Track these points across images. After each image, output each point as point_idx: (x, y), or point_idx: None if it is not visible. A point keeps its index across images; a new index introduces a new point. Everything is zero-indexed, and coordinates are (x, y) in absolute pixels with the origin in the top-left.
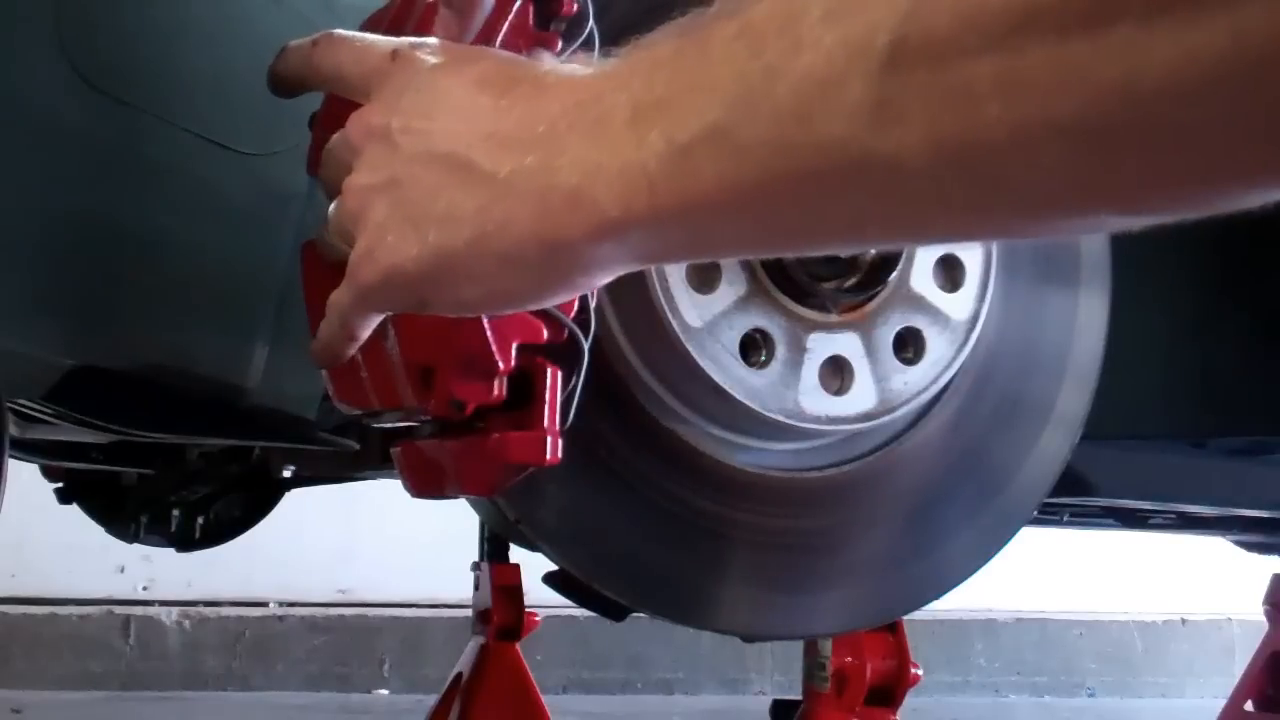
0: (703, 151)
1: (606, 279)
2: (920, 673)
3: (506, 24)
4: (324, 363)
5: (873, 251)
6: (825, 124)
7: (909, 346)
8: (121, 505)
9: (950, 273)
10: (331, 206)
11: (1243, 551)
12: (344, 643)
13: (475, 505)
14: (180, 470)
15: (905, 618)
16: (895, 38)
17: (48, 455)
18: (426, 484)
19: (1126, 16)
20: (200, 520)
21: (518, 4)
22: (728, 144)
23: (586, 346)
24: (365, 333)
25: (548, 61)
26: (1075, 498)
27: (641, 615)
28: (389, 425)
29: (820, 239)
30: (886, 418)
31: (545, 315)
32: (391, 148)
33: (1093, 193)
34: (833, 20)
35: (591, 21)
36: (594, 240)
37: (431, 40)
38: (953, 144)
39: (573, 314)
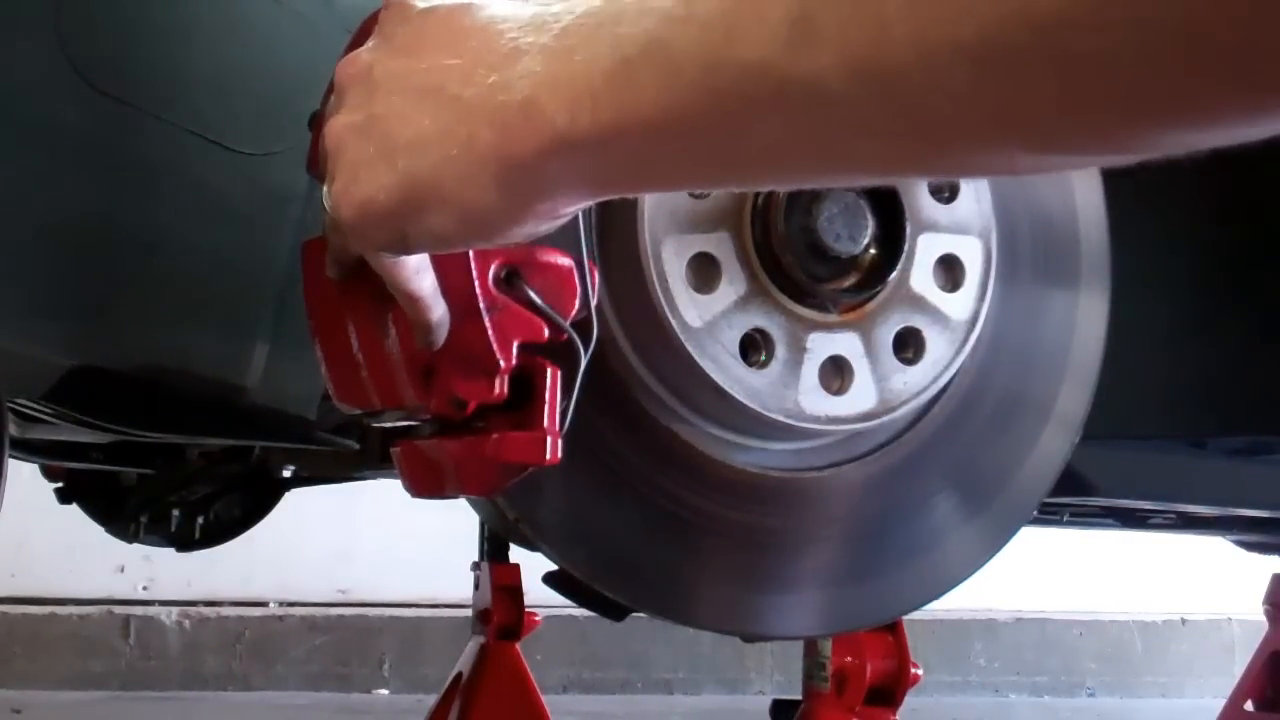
0: (642, 65)
1: (567, 205)
2: (920, 673)
3: None
4: (426, 341)
5: (872, 251)
6: (747, 44)
7: (909, 346)
8: (121, 505)
9: (950, 273)
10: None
11: (1243, 551)
12: (344, 643)
13: (475, 505)
14: (180, 470)
15: (905, 618)
16: None
17: (48, 455)
18: (426, 484)
19: None
20: (200, 520)
21: None
22: (664, 58)
23: (589, 347)
24: (415, 284)
25: None
26: (1075, 498)
27: (641, 615)
28: (389, 425)
29: (752, 168)
30: (886, 418)
31: (545, 315)
32: (371, 86)
33: (1003, 123)
34: None
35: None
36: (544, 155)
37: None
38: (865, 65)
39: (574, 314)
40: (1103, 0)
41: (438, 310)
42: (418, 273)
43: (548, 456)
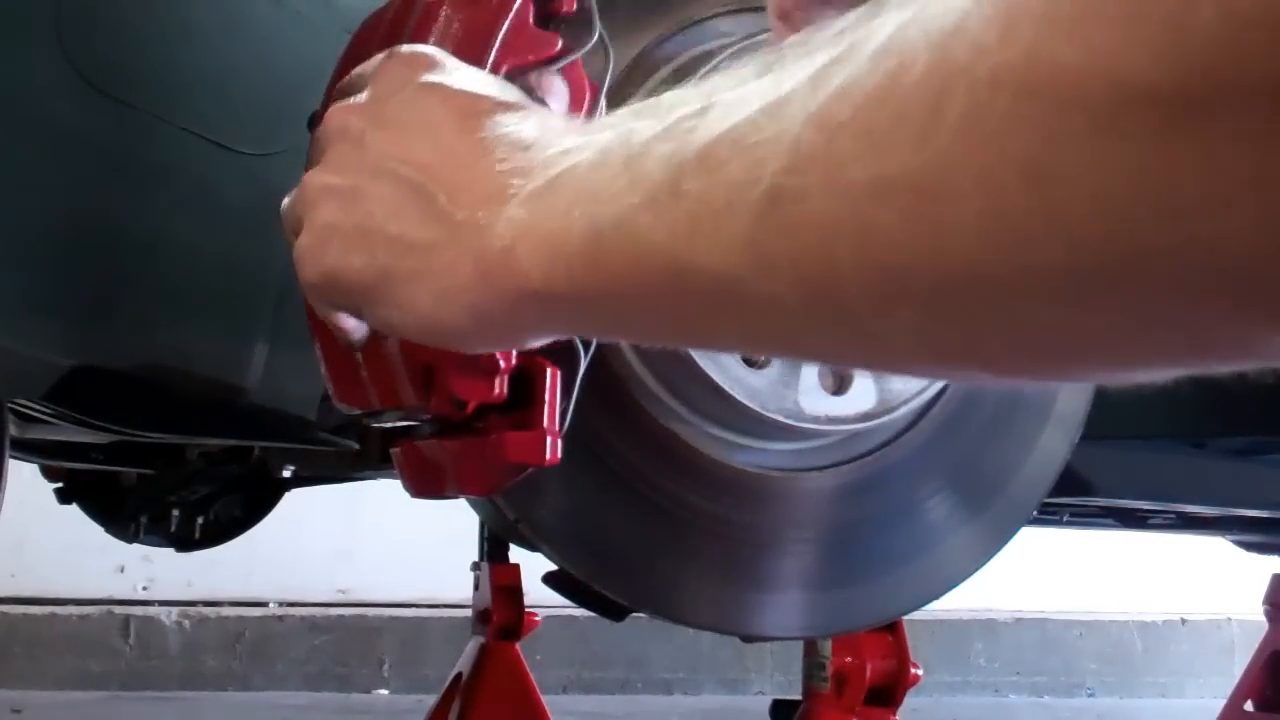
0: (613, 244)
1: (536, 341)
2: (920, 673)
3: (506, 23)
4: (345, 345)
5: None
6: (708, 251)
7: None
8: (121, 505)
9: None
10: (288, 196)
11: (1243, 551)
12: (344, 643)
13: (475, 505)
14: (180, 470)
15: (905, 618)
16: (773, 186)
17: (48, 455)
18: (426, 484)
19: (966, 210)
20: (200, 520)
21: (518, 3)
22: (633, 244)
23: (590, 348)
24: (346, 322)
25: (538, 110)
26: (1075, 498)
27: (641, 615)
28: (389, 425)
29: (722, 348)
30: (886, 418)
31: None
32: (360, 152)
33: (958, 360)
34: (735, 148)
35: (598, 22)
36: (518, 304)
37: (431, 50)
38: (818, 296)
39: None
40: (1052, 276)
41: (358, 333)
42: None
43: (547, 457)
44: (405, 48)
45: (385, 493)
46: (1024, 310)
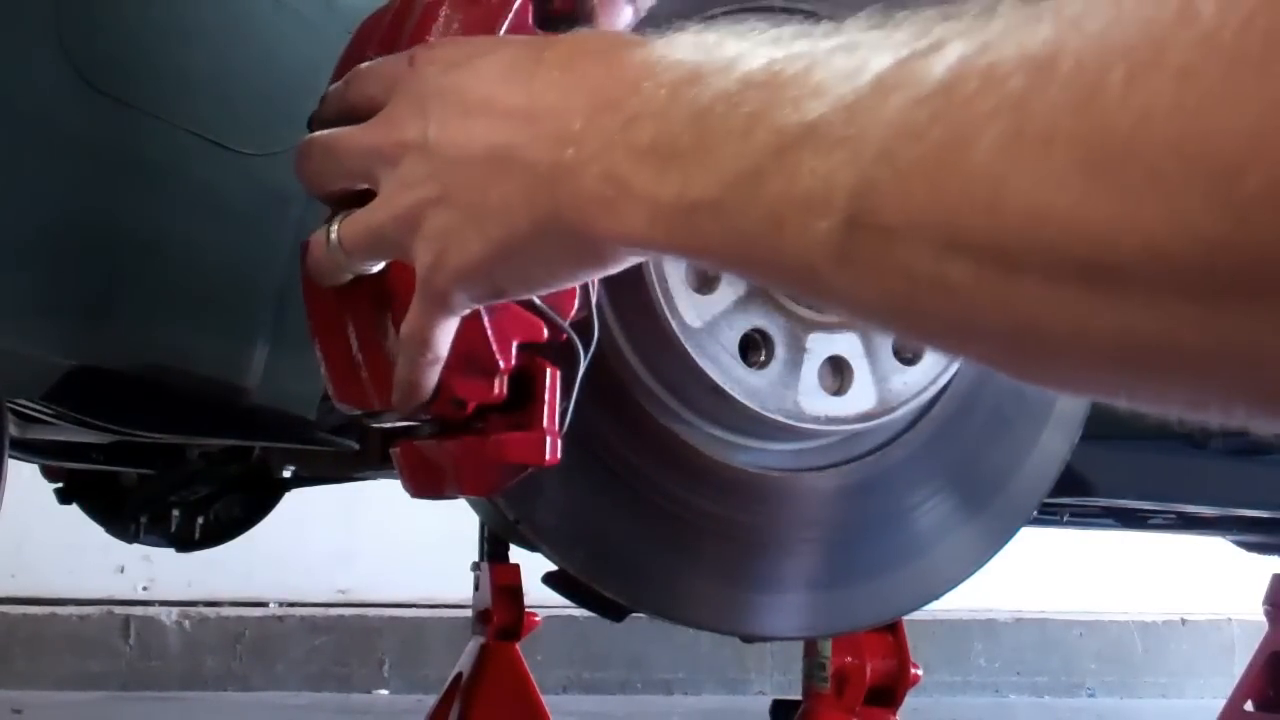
0: (705, 216)
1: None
2: (920, 673)
3: (506, 23)
4: (413, 399)
5: None
6: (795, 245)
7: (909, 346)
8: (121, 505)
9: None
10: (340, 223)
11: (1243, 551)
12: (344, 643)
13: (475, 505)
14: (180, 470)
15: (905, 618)
16: (850, 213)
17: (48, 455)
18: (426, 484)
19: (1032, 274)
20: (200, 520)
21: (518, 3)
22: (724, 220)
23: (590, 348)
24: (446, 346)
25: (563, 36)
26: (1075, 498)
27: (641, 615)
28: (389, 425)
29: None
30: (886, 418)
31: (545, 316)
32: (428, 156)
33: (1024, 369)
34: (824, 148)
35: (598, 23)
36: (625, 245)
37: (442, 43)
38: (899, 311)
39: (573, 315)
40: (1111, 349)
41: (435, 374)
42: (449, 334)
43: (547, 457)
44: (419, 48)
45: (385, 493)
46: (1084, 374)
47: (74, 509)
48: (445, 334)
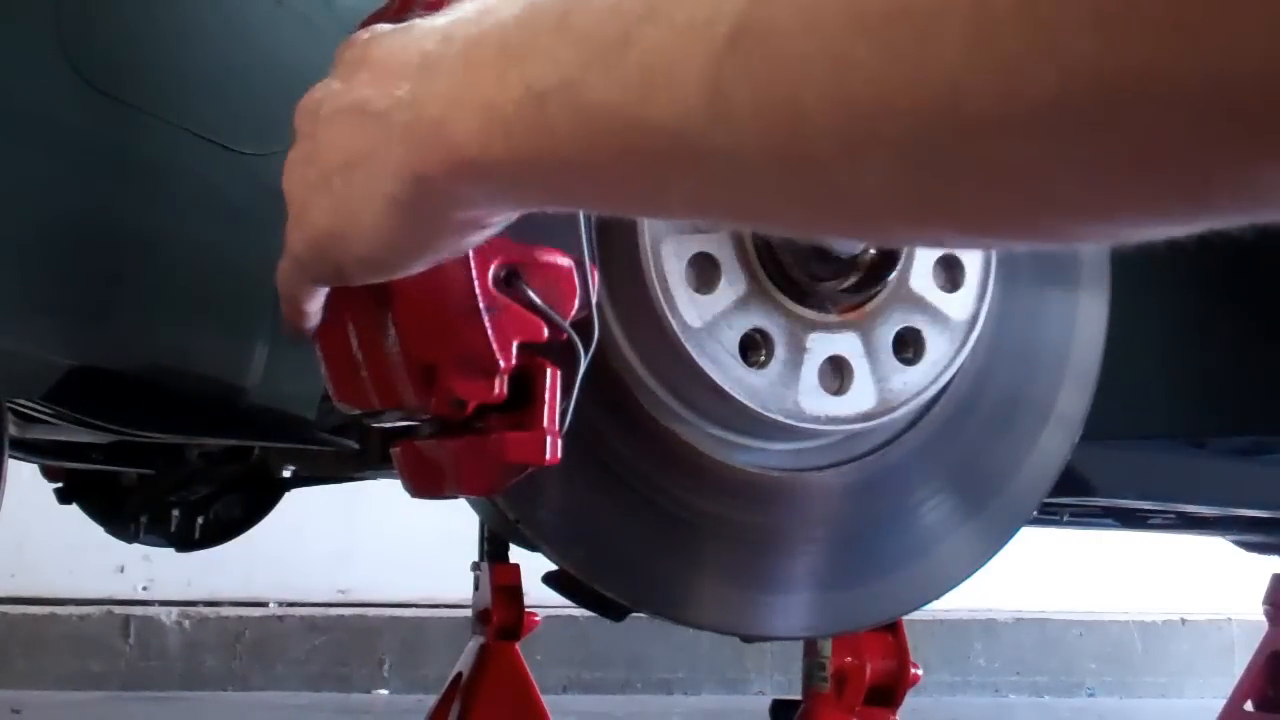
0: (557, 103)
1: (489, 218)
2: (920, 673)
3: None
4: (291, 338)
5: (872, 251)
6: (663, 105)
7: (908, 346)
8: (121, 505)
9: (950, 273)
10: None
11: (1243, 551)
12: (344, 643)
13: (475, 505)
14: (180, 470)
15: (905, 618)
16: (738, 23)
17: (48, 455)
18: (426, 484)
19: (952, 37)
20: (200, 520)
21: None
22: (579, 102)
23: (590, 347)
24: (313, 305)
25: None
26: (1075, 498)
27: (641, 615)
28: (389, 425)
29: (673, 211)
30: (886, 418)
31: (545, 316)
32: (315, 115)
33: (930, 209)
34: None
35: None
36: (454, 177)
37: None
38: (782, 146)
39: (573, 314)
40: (1042, 106)
41: (313, 320)
42: (316, 299)
43: (547, 457)
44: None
45: (385, 493)
46: (1006, 147)
47: (74, 509)
48: (309, 298)
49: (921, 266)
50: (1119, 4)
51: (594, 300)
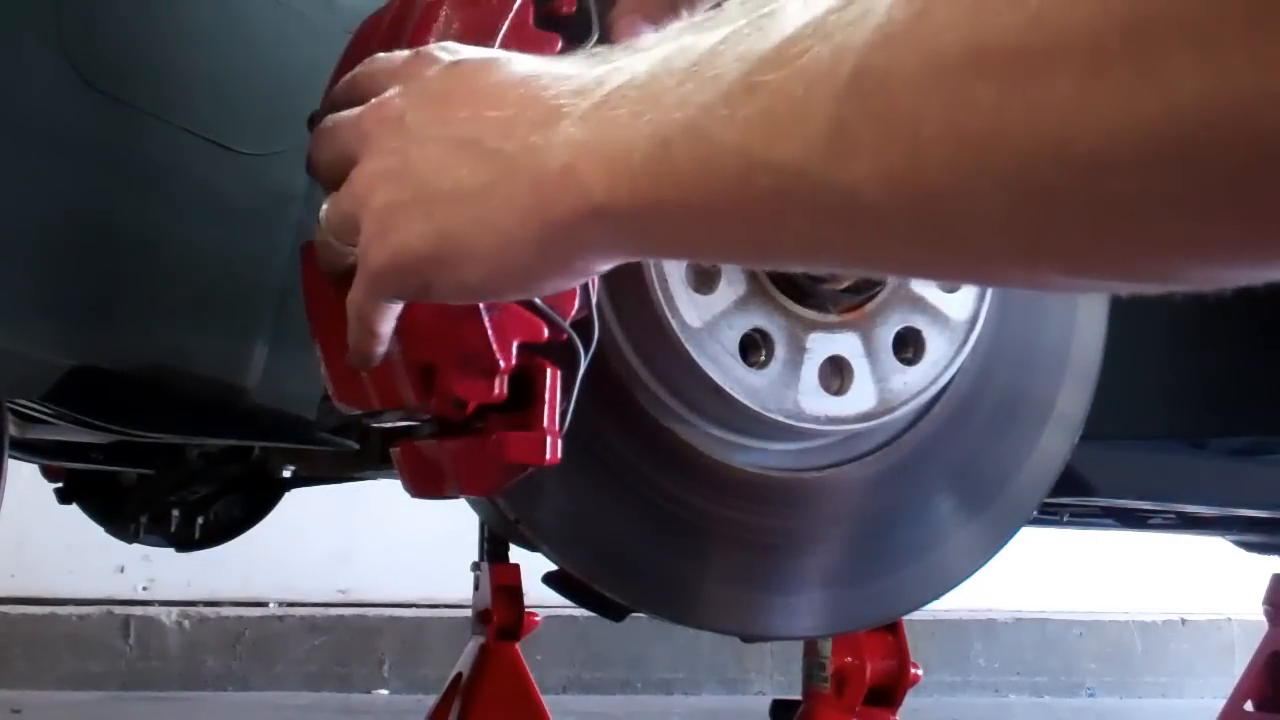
0: (681, 150)
1: (602, 265)
2: (920, 673)
3: (506, 23)
4: (358, 365)
5: None
6: (785, 147)
7: (909, 346)
8: (121, 505)
9: None
10: (326, 202)
11: (1243, 551)
12: (344, 643)
13: (475, 505)
14: (180, 470)
15: (905, 618)
16: (859, 65)
17: (48, 455)
18: (426, 484)
19: (1066, 75)
20: (200, 520)
21: (518, 4)
22: (704, 148)
23: (590, 348)
24: (386, 326)
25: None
26: (1075, 498)
27: (641, 615)
28: (389, 425)
29: (786, 255)
30: (886, 418)
31: (545, 316)
32: (403, 130)
33: (1038, 250)
34: (816, 34)
35: (596, 22)
36: (582, 222)
37: (452, 43)
38: (900, 182)
39: (574, 314)
40: (1150, 143)
41: (384, 347)
42: (389, 317)
43: (547, 457)
44: (430, 46)
45: (385, 493)
46: (1114, 184)
47: (74, 509)
48: (382, 315)
49: None
50: (1226, 41)
51: (594, 300)
